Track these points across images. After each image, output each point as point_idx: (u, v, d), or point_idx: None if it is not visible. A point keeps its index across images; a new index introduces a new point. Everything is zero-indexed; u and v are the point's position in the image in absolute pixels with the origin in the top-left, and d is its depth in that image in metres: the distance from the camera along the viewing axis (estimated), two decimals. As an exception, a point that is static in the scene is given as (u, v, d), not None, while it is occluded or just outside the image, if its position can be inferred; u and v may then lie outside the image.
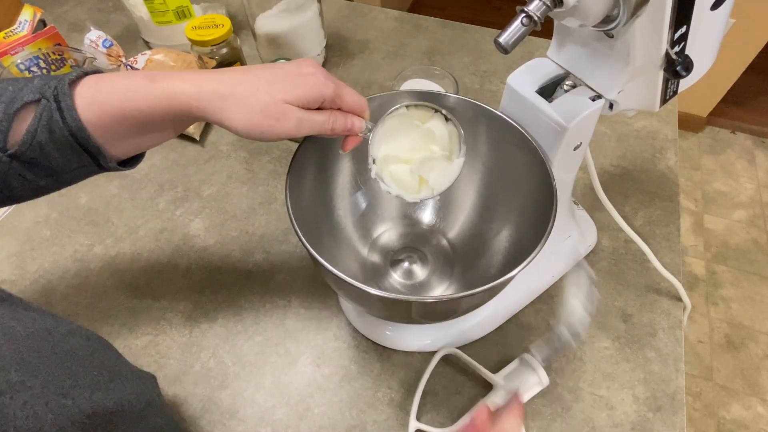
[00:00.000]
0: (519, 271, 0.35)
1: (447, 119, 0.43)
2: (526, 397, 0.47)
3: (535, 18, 0.30)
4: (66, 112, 0.30)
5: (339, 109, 0.37)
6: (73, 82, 0.32)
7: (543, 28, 0.33)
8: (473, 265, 0.53)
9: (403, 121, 0.42)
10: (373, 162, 0.42)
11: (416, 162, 0.43)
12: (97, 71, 0.34)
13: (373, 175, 0.42)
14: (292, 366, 0.51)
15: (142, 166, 0.68)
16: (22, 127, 0.30)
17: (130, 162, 0.38)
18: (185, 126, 0.37)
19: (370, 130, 0.40)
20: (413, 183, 0.44)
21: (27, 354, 0.27)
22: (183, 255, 0.59)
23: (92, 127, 0.32)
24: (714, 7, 0.36)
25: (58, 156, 0.32)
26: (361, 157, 0.52)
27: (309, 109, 0.35)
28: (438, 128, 0.43)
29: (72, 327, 0.33)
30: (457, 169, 0.44)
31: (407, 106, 0.42)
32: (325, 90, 0.35)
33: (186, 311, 0.55)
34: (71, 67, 0.69)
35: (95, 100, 0.32)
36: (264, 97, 0.33)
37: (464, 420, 0.37)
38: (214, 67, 0.64)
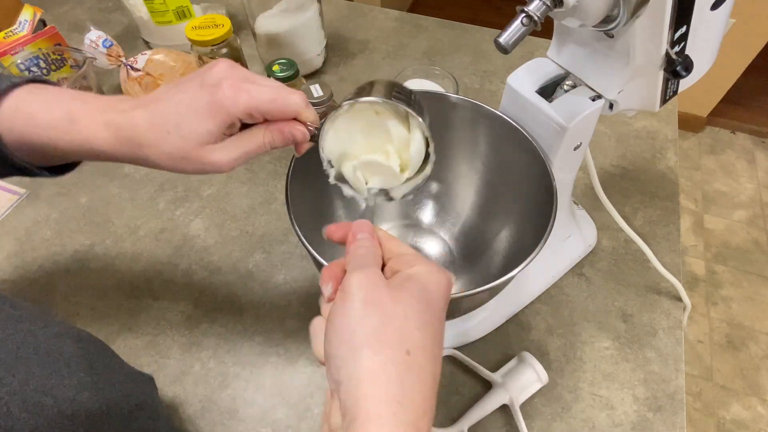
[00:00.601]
0: (519, 271, 0.35)
1: (422, 134, 0.35)
2: (525, 395, 0.47)
3: (535, 18, 0.30)
4: None
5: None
6: (1, 94, 0.30)
7: (543, 28, 0.33)
8: (473, 265, 0.53)
9: (361, 115, 0.35)
10: (330, 165, 0.37)
11: (360, 160, 0.36)
12: (35, 80, 0.32)
13: (331, 180, 0.37)
14: (292, 366, 0.51)
15: (142, 166, 0.68)
16: None
17: (66, 168, 0.36)
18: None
19: (318, 131, 0.34)
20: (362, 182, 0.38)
21: (4, 355, 0.27)
22: (183, 255, 0.59)
23: (16, 150, 0.30)
24: (714, 7, 0.36)
25: None
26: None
27: (235, 131, 0.31)
28: (395, 129, 0.35)
29: (62, 329, 0.33)
30: (404, 187, 0.37)
31: (352, 104, 0.33)
32: (236, 109, 0.29)
33: (186, 311, 0.55)
34: (71, 67, 0.69)
35: (14, 128, 0.30)
36: (177, 143, 0.29)
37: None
38: (214, 67, 0.64)
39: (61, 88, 0.32)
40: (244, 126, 0.32)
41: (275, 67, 0.64)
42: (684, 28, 0.35)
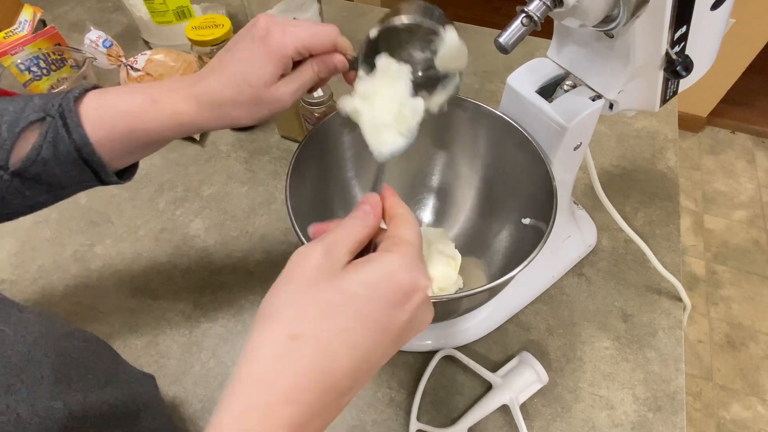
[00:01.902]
0: (519, 271, 0.35)
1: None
2: (525, 395, 0.47)
3: (535, 18, 0.30)
4: (72, 128, 0.31)
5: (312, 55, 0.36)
6: (77, 99, 0.32)
7: (543, 28, 0.33)
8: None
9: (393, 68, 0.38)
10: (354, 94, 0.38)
11: (368, 118, 0.38)
12: (96, 87, 0.34)
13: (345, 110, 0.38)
14: (292, 366, 0.51)
15: (142, 165, 0.68)
16: (25, 145, 0.31)
17: (126, 174, 0.38)
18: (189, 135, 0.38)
19: (355, 59, 0.37)
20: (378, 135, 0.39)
21: (15, 357, 0.27)
22: (183, 255, 0.59)
23: (99, 146, 0.32)
24: (714, 7, 0.36)
25: (60, 172, 0.32)
26: (362, 157, 0.52)
27: (289, 71, 0.35)
28: (402, 90, 0.38)
29: (69, 329, 0.33)
30: (438, 97, 0.39)
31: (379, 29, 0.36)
32: (288, 49, 0.34)
33: (186, 311, 0.55)
34: (71, 67, 0.69)
35: (103, 121, 0.32)
36: (249, 90, 0.34)
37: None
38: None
39: (125, 86, 0.35)
40: (295, 65, 0.36)
41: (275, 67, 0.64)
42: (684, 28, 0.35)
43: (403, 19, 0.36)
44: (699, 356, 1.36)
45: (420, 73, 0.40)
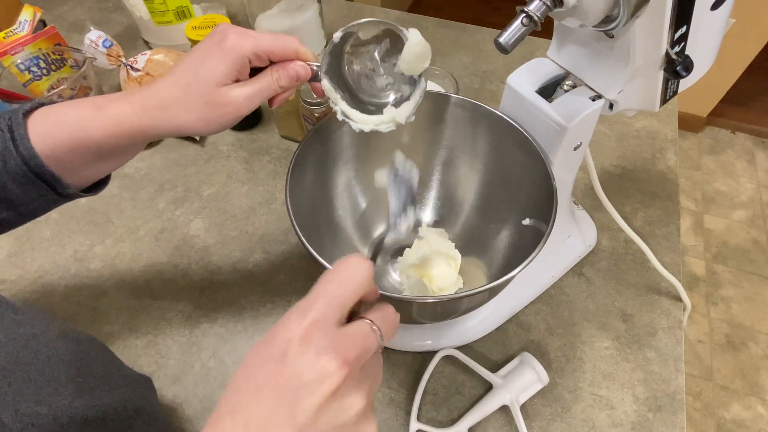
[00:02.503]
0: (519, 271, 0.35)
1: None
2: (525, 396, 0.47)
3: (535, 18, 0.30)
4: (19, 141, 0.30)
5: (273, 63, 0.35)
6: (27, 113, 0.31)
7: (543, 28, 0.33)
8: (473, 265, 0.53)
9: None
10: (334, 103, 0.39)
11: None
12: (52, 102, 0.33)
13: (339, 116, 0.40)
14: (292, 366, 0.51)
15: (142, 165, 0.68)
16: None
17: (95, 187, 0.37)
18: (141, 147, 0.36)
19: (318, 68, 0.37)
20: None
21: (2, 360, 0.27)
22: (183, 255, 0.59)
23: (47, 158, 0.31)
24: (714, 7, 0.36)
25: (14, 187, 0.31)
26: (362, 157, 0.52)
27: (246, 76, 0.34)
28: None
29: (63, 331, 0.33)
30: (405, 108, 0.40)
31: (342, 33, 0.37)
32: (243, 49, 0.33)
33: (186, 311, 0.55)
34: (71, 67, 0.69)
35: (47, 133, 0.31)
36: (199, 89, 0.33)
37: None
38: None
39: (77, 100, 0.34)
40: (256, 73, 0.35)
41: (275, 67, 0.64)
42: (684, 28, 0.35)
43: (363, 21, 0.36)
44: (699, 356, 1.36)
45: (385, 83, 0.40)
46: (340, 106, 0.39)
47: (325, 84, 0.38)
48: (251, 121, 0.73)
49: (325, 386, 0.21)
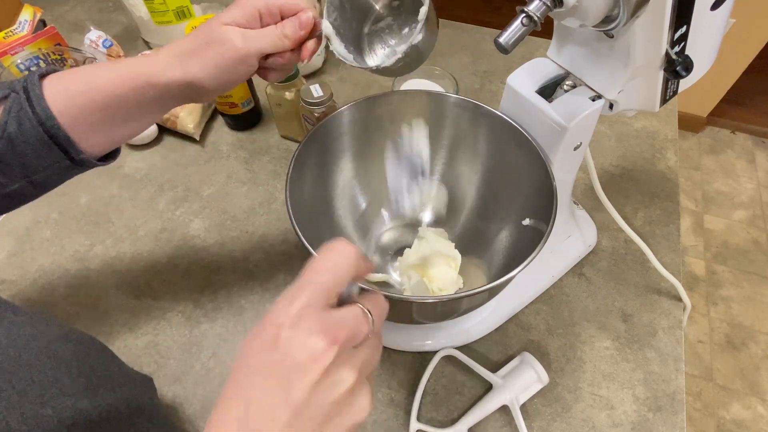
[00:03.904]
0: (519, 271, 0.35)
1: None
2: (525, 396, 0.47)
3: (535, 18, 0.30)
4: (35, 102, 0.31)
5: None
6: (43, 77, 0.32)
7: (543, 28, 0.33)
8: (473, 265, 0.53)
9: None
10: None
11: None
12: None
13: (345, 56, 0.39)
14: (292, 366, 0.51)
15: (142, 165, 0.68)
16: None
17: (106, 158, 0.37)
18: (154, 109, 0.36)
19: (321, 18, 0.37)
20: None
21: (5, 362, 0.27)
22: (183, 255, 0.59)
23: (61, 117, 0.32)
24: (714, 7, 0.36)
25: (29, 152, 0.32)
26: (362, 156, 0.52)
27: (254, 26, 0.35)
28: None
29: (63, 331, 0.33)
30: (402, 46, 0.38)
31: None
32: (255, 2, 0.34)
33: (186, 311, 0.55)
34: (71, 67, 0.68)
35: (62, 89, 0.32)
36: (203, 28, 0.34)
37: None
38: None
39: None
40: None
41: (275, 67, 0.64)
42: (684, 28, 0.35)
43: None
44: (699, 356, 1.36)
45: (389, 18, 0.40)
46: (339, 49, 0.39)
47: (327, 27, 0.38)
48: (251, 121, 0.73)
49: (316, 365, 0.22)
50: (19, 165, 0.32)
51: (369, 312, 0.25)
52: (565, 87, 0.42)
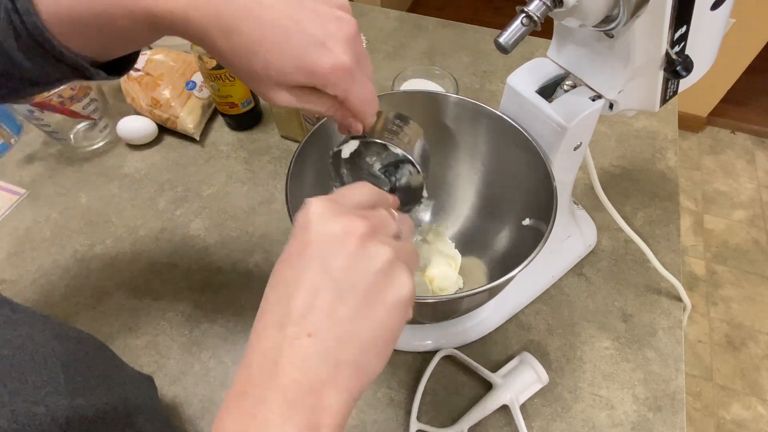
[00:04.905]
0: (519, 271, 0.35)
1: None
2: (525, 396, 0.47)
3: (535, 18, 0.30)
4: (23, 13, 0.25)
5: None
6: None
7: (543, 28, 0.33)
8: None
9: None
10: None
11: None
12: None
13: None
14: (292, 366, 0.51)
15: (142, 165, 0.68)
16: None
17: (120, 66, 0.32)
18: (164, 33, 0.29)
19: (365, 136, 0.34)
20: None
21: None
22: (183, 255, 0.59)
23: (55, 31, 0.26)
24: (714, 7, 0.36)
25: (29, 66, 0.27)
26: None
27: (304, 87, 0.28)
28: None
29: (62, 330, 0.32)
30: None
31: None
32: (323, 84, 0.27)
33: (186, 311, 0.55)
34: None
35: (60, 3, 0.26)
36: (259, 68, 0.27)
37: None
38: (213, 68, 0.64)
39: None
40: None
41: (275, 67, 0.64)
42: (684, 28, 0.35)
43: (394, 148, 0.34)
44: (699, 356, 1.36)
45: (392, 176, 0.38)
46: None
47: (351, 145, 0.36)
48: (251, 121, 0.73)
49: (351, 237, 0.22)
50: (28, 78, 0.28)
51: (395, 217, 0.26)
52: (565, 87, 0.42)
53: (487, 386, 0.49)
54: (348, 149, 0.36)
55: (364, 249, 0.22)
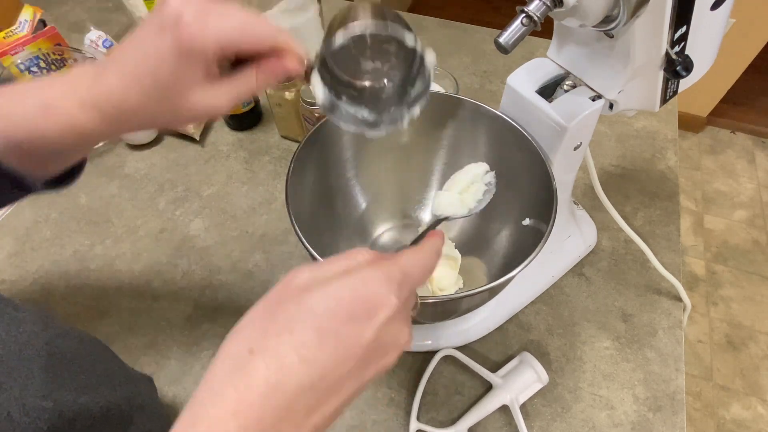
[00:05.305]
0: (519, 271, 0.35)
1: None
2: (525, 396, 0.47)
3: (535, 18, 0.30)
4: None
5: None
6: None
7: (543, 28, 0.33)
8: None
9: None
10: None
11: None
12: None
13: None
14: (292, 366, 0.51)
15: (142, 165, 0.68)
16: None
17: (68, 178, 0.32)
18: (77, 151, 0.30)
19: (312, 67, 0.31)
20: None
21: (7, 356, 0.27)
22: (183, 255, 0.59)
23: (3, 155, 0.27)
24: (714, 7, 0.36)
25: None
26: (362, 157, 0.52)
27: (212, 71, 0.27)
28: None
29: (65, 329, 0.33)
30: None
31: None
32: (205, 46, 0.25)
33: (186, 311, 0.55)
34: (71, 67, 0.69)
35: None
36: (163, 98, 0.27)
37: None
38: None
39: (24, 83, 0.28)
40: (235, 64, 0.29)
41: (275, 67, 0.64)
42: (684, 28, 0.35)
43: (370, 27, 0.30)
44: (699, 356, 1.36)
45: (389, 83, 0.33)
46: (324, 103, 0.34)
47: (316, 82, 0.32)
48: (251, 121, 0.73)
49: (396, 351, 0.23)
50: None
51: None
52: (565, 87, 0.42)
53: (487, 386, 0.49)
54: (318, 90, 0.32)
55: (387, 329, 0.22)
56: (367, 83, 0.32)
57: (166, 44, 0.25)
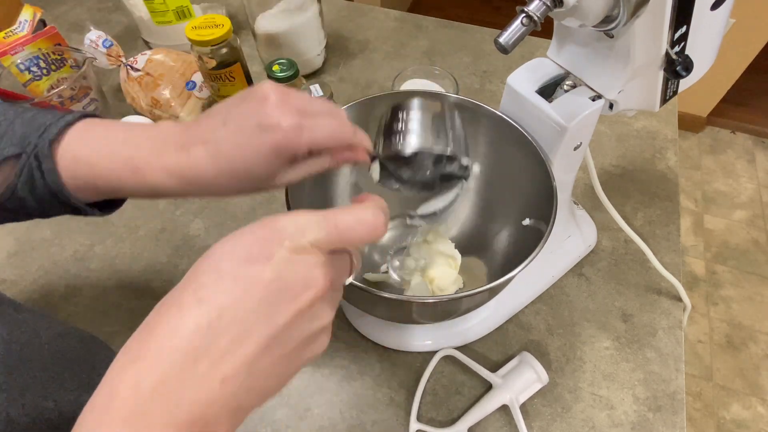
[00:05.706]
0: (519, 271, 0.35)
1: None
2: (525, 396, 0.47)
3: (535, 18, 0.30)
4: (47, 174, 0.29)
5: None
6: (54, 141, 0.29)
7: (543, 28, 0.33)
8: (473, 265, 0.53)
9: None
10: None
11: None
12: (85, 116, 0.31)
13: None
14: (292, 366, 0.51)
15: (142, 166, 0.68)
16: (2, 177, 0.29)
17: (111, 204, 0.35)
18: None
19: (374, 156, 0.36)
20: None
21: (8, 357, 0.27)
22: (183, 255, 0.59)
23: (75, 191, 0.30)
24: (714, 7, 0.36)
25: (37, 207, 0.31)
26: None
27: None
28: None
29: (65, 329, 0.33)
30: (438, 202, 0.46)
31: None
32: (297, 149, 0.29)
33: (186, 311, 0.55)
34: (71, 67, 0.68)
35: (78, 176, 0.30)
36: (249, 184, 0.31)
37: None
38: (213, 68, 0.64)
39: (110, 126, 0.31)
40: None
41: (275, 67, 0.64)
42: (684, 28, 0.35)
43: (413, 91, 0.37)
44: (699, 356, 1.36)
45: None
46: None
47: (375, 170, 0.38)
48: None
49: (306, 296, 0.21)
50: (28, 214, 0.32)
51: (353, 264, 0.25)
52: (565, 87, 0.42)
53: (487, 386, 0.49)
54: (375, 173, 0.38)
55: (310, 310, 0.22)
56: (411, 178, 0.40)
57: (265, 147, 0.29)
